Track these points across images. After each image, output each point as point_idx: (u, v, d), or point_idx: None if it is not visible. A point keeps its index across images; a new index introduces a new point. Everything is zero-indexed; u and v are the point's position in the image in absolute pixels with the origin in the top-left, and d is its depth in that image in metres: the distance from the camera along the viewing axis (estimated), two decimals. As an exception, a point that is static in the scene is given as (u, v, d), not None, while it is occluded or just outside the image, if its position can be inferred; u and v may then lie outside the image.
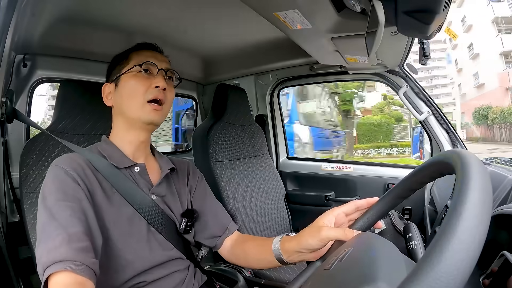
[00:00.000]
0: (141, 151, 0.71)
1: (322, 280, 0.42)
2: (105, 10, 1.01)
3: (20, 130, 1.10)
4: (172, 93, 0.71)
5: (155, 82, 0.66)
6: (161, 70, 0.69)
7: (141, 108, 0.66)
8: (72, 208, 0.54)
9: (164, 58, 0.72)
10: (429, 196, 1.32)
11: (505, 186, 0.69)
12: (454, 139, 1.38)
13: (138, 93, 0.66)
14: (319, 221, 0.56)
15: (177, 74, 0.75)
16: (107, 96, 0.71)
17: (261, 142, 1.64)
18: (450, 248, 0.23)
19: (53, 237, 0.50)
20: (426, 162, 0.42)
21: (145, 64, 0.68)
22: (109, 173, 0.64)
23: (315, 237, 0.53)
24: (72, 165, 0.60)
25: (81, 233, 0.52)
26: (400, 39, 0.95)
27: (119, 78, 0.68)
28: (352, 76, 1.58)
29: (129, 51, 0.71)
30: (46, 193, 0.56)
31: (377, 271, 0.32)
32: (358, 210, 0.56)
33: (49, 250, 0.49)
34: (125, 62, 0.69)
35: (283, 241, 0.62)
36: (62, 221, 0.52)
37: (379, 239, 0.43)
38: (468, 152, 0.32)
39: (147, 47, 0.73)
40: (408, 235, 0.78)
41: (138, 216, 0.65)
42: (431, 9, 0.56)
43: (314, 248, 0.55)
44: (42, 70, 1.13)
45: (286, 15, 0.78)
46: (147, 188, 0.68)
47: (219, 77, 1.83)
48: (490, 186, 0.28)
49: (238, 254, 0.75)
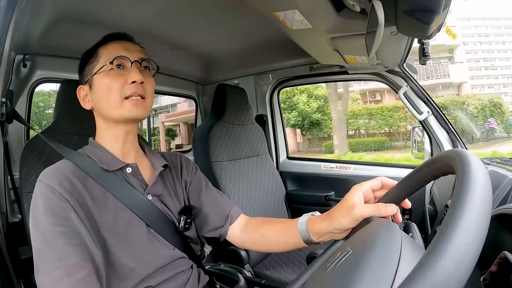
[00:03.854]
0: (129, 145, 0.68)
1: (322, 281, 0.42)
2: (104, 10, 1.01)
3: (20, 130, 1.10)
4: (151, 84, 0.66)
5: (130, 77, 0.62)
6: (135, 62, 0.64)
7: (120, 106, 0.62)
8: (64, 235, 0.53)
9: (136, 48, 0.67)
10: (429, 196, 1.32)
11: (505, 186, 0.69)
12: (454, 138, 1.38)
13: (114, 92, 0.62)
14: (349, 198, 0.53)
15: (154, 63, 0.69)
16: (84, 99, 0.67)
17: (261, 142, 1.64)
18: (450, 248, 0.23)
19: (51, 269, 0.50)
20: (426, 162, 0.42)
21: (116, 59, 0.63)
22: (101, 177, 0.61)
23: (348, 216, 0.51)
24: (58, 179, 0.57)
25: (79, 261, 0.52)
26: (400, 39, 0.95)
27: (92, 79, 0.64)
28: (352, 76, 1.58)
29: (96, 47, 0.66)
30: (37, 216, 0.54)
31: (377, 272, 0.32)
32: (383, 188, 0.55)
33: (50, 284, 0.50)
34: (95, 59, 0.65)
35: (311, 222, 0.59)
36: (57, 252, 0.51)
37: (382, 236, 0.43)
38: (468, 152, 0.32)
39: (115, 37, 0.67)
40: (408, 235, 0.78)
41: (137, 219, 0.63)
42: (431, 9, 0.56)
43: (347, 228, 0.53)
44: (42, 70, 1.13)
45: (286, 15, 0.78)
46: (142, 189, 0.66)
47: (219, 77, 1.83)
48: (490, 186, 0.28)
49: (252, 238, 0.72)
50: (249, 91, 1.78)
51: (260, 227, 0.72)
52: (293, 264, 1.33)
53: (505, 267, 0.42)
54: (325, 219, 0.56)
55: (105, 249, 0.58)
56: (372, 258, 0.35)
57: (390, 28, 0.77)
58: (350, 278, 0.33)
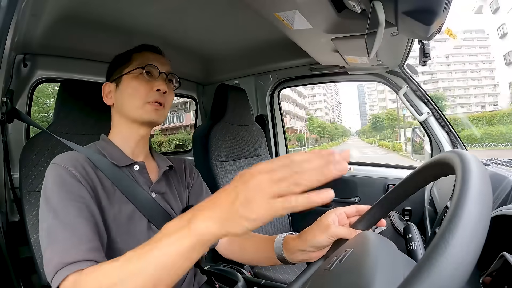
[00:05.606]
0: (140, 148, 0.71)
1: (322, 281, 0.42)
2: (105, 10, 1.01)
3: (20, 130, 1.10)
4: (171, 96, 0.72)
5: (157, 85, 0.67)
6: (163, 74, 0.69)
7: (142, 108, 0.66)
8: (78, 208, 0.53)
9: (166, 61, 0.72)
10: (429, 197, 1.32)
11: (505, 187, 0.69)
12: (454, 139, 1.38)
13: (139, 95, 0.66)
14: (324, 220, 0.56)
15: (177, 78, 0.75)
16: (107, 95, 0.71)
17: (261, 142, 1.64)
18: (449, 249, 0.23)
19: (62, 239, 0.50)
20: (426, 163, 0.42)
21: (148, 66, 0.68)
22: (110, 171, 0.64)
23: (324, 234, 0.54)
24: (72, 163, 0.59)
25: (90, 232, 0.52)
26: (400, 40, 0.95)
27: (121, 79, 0.69)
28: (352, 76, 1.58)
29: (131, 52, 0.72)
30: (49, 193, 0.54)
31: (377, 272, 0.32)
32: (358, 214, 0.57)
33: (59, 253, 0.48)
34: (127, 63, 0.70)
35: (286, 240, 0.62)
36: (69, 223, 0.51)
37: (379, 239, 0.43)
38: (468, 153, 0.32)
39: (149, 49, 0.73)
40: (408, 236, 0.78)
41: (139, 214, 0.65)
42: (432, 10, 0.56)
43: (322, 245, 0.55)
44: (42, 70, 1.14)
45: (286, 15, 0.78)
46: (147, 186, 0.69)
47: (219, 78, 1.83)
48: (490, 187, 0.28)
49: (235, 250, 0.75)
50: (249, 92, 1.78)
51: (242, 240, 0.74)
52: (293, 265, 1.33)
53: (504, 268, 0.42)
54: (299, 237, 0.59)
55: (108, 236, 0.59)
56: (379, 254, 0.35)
57: (390, 29, 0.77)
58: (362, 274, 0.33)
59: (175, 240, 0.37)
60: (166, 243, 0.38)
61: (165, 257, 0.38)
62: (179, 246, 0.37)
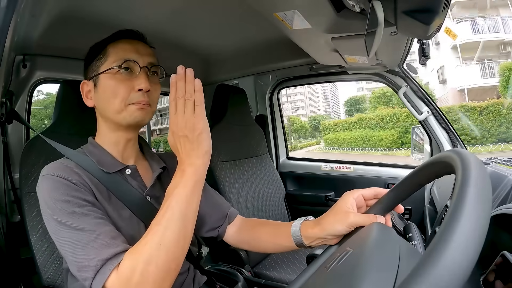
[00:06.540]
0: (129, 151, 0.68)
1: (322, 281, 0.42)
2: (104, 10, 1.01)
3: (20, 131, 1.10)
4: (157, 92, 0.65)
5: (138, 84, 0.60)
6: (144, 68, 0.62)
7: (124, 110, 0.61)
8: (89, 212, 0.52)
9: (147, 51, 0.64)
10: (429, 196, 1.32)
11: (505, 186, 0.69)
12: (454, 139, 1.38)
13: (120, 97, 0.60)
14: (342, 205, 0.55)
15: (162, 69, 0.67)
16: (87, 95, 0.65)
17: (261, 142, 1.64)
18: (449, 248, 0.23)
19: (92, 241, 0.48)
20: (426, 162, 0.42)
21: (126, 63, 0.61)
22: (102, 177, 0.61)
23: (343, 223, 0.53)
24: (65, 171, 0.56)
25: (111, 226, 0.52)
26: (400, 39, 0.95)
27: (98, 78, 0.62)
28: (351, 76, 1.58)
29: (105, 42, 0.63)
30: (53, 207, 0.51)
31: (377, 272, 0.32)
32: (376, 198, 0.56)
33: (95, 255, 0.47)
34: (103, 57, 0.62)
35: (304, 227, 0.61)
36: (89, 227, 0.49)
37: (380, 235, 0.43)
38: (468, 152, 0.32)
39: (127, 35, 0.64)
40: (408, 235, 0.78)
41: (136, 219, 0.63)
42: (431, 9, 0.56)
43: (341, 234, 0.54)
44: (42, 71, 1.13)
45: (286, 15, 0.78)
46: (141, 190, 0.66)
47: (219, 78, 1.83)
48: (490, 186, 0.28)
49: (248, 239, 0.73)
50: (249, 92, 1.78)
51: (255, 228, 0.73)
52: (293, 264, 1.33)
53: (505, 267, 0.42)
54: (317, 225, 0.58)
55: None
56: (374, 257, 0.35)
57: (389, 28, 0.76)
58: (354, 276, 0.33)
59: (180, 189, 0.50)
60: (177, 193, 0.50)
61: (180, 205, 0.49)
62: (184, 192, 0.50)
